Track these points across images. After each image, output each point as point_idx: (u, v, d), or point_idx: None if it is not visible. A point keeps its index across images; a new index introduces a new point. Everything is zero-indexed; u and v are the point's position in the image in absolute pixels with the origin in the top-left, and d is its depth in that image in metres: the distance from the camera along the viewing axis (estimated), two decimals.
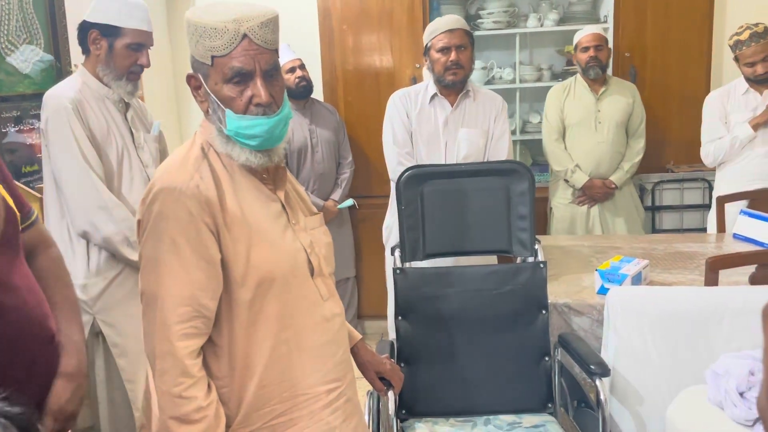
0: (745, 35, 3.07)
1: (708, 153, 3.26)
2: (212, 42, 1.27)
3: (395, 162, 2.81)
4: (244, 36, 1.27)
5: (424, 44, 2.83)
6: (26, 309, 1.29)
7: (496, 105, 2.86)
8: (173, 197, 1.26)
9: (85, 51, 2.21)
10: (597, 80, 3.46)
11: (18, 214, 1.34)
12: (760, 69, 3.08)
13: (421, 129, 2.83)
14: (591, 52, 3.39)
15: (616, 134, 3.44)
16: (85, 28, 2.16)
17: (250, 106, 1.31)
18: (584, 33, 3.45)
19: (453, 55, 2.72)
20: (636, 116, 3.49)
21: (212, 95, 1.31)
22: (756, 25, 3.08)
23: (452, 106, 2.82)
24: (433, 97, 2.83)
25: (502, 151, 2.83)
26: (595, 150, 3.44)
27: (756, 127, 3.10)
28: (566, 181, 3.50)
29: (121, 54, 2.15)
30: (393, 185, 2.84)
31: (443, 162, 2.79)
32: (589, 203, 3.50)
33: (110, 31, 2.13)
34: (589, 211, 3.51)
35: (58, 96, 2.12)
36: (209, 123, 1.37)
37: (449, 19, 2.78)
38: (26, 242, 1.39)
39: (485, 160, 2.84)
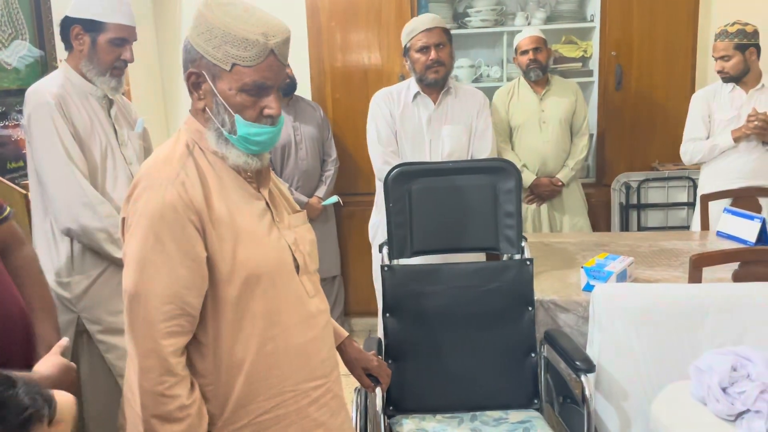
0: (719, 29, 3.16)
1: (686, 151, 3.32)
2: (239, 51, 1.27)
3: (381, 161, 2.82)
4: (271, 52, 1.29)
5: (403, 45, 2.85)
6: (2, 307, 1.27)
7: (478, 100, 2.88)
8: (158, 195, 1.26)
9: (68, 47, 2.16)
10: (539, 81, 3.51)
11: None
12: (716, 66, 3.17)
13: (405, 127, 2.84)
14: (530, 55, 3.44)
15: (560, 133, 3.49)
16: (67, 23, 2.12)
17: (261, 117, 1.33)
18: (523, 36, 3.50)
19: (433, 54, 2.74)
20: (579, 114, 3.53)
21: (220, 98, 1.31)
22: (732, 24, 3.12)
23: (435, 103, 2.84)
24: (415, 95, 2.85)
25: (485, 145, 2.85)
26: (540, 149, 3.48)
27: (737, 139, 3.14)
28: None
29: (104, 49, 2.11)
30: (379, 184, 2.85)
31: (428, 159, 2.80)
32: (538, 202, 3.54)
33: (93, 27, 2.09)
34: (539, 209, 3.54)
35: (40, 92, 2.07)
36: (197, 121, 1.36)
37: (426, 18, 2.80)
38: None
39: (469, 156, 2.86)
